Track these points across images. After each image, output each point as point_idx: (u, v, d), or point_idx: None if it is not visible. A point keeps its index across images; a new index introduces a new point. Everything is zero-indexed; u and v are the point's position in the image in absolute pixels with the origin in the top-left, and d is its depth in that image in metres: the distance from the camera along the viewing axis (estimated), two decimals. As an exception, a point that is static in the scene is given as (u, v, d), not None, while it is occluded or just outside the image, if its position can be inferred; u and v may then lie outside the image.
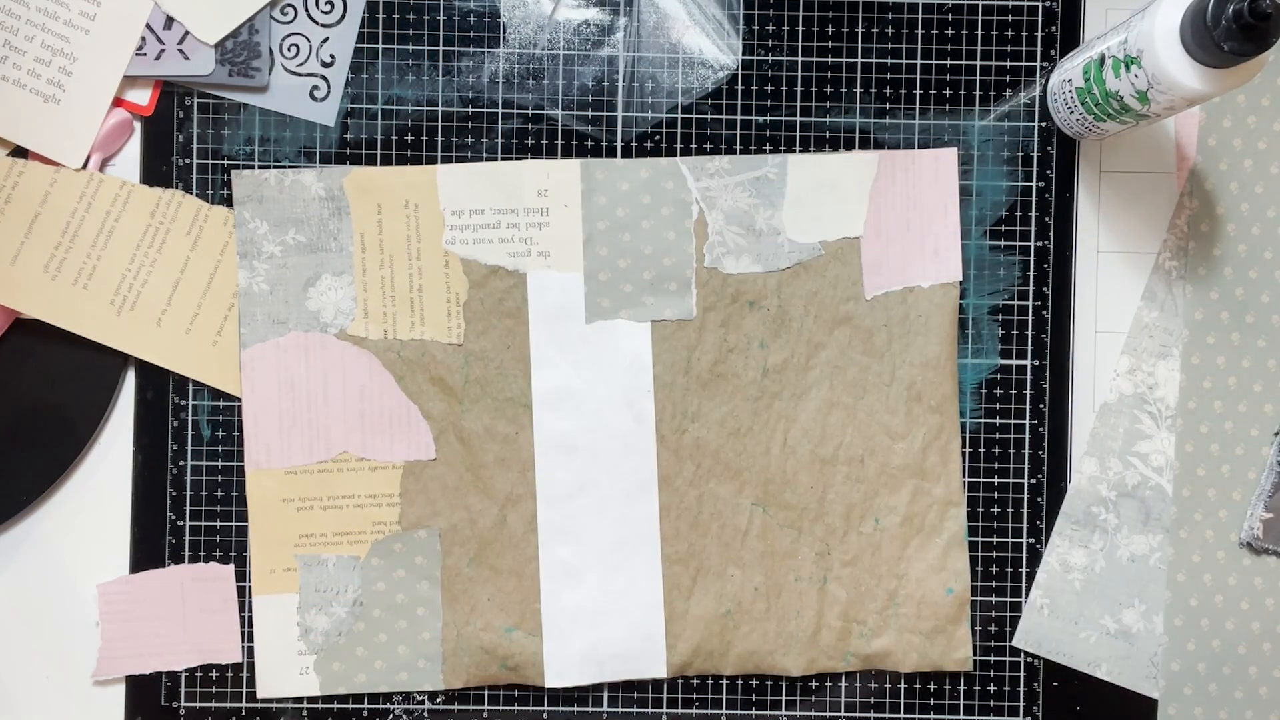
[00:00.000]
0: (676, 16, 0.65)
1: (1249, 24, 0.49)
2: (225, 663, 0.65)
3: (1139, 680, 0.65)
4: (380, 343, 0.64)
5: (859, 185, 0.64)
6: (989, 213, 0.65)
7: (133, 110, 0.64)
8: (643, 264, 0.64)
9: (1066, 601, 0.65)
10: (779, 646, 0.65)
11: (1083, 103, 0.60)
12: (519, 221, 0.64)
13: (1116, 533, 0.65)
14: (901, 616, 0.64)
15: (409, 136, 0.64)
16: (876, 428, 0.64)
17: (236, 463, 0.65)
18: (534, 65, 0.65)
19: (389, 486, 0.64)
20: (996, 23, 0.65)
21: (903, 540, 0.65)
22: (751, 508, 0.64)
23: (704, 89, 0.65)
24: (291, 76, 0.64)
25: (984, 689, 0.65)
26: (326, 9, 0.64)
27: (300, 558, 0.64)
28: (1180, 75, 0.52)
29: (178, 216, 0.64)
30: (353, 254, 0.64)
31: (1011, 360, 0.65)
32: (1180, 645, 0.65)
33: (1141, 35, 0.54)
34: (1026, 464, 0.65)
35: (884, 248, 0.64)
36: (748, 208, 0.64)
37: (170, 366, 0.64)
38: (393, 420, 0.64)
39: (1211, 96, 0.53)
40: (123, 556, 0.65)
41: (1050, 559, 0.65)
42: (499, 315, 0.64)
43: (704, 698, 0.65)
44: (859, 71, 0.65)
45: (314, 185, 0.64)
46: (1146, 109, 0.56)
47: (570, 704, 0.65)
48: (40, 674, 0.65)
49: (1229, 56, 0.50)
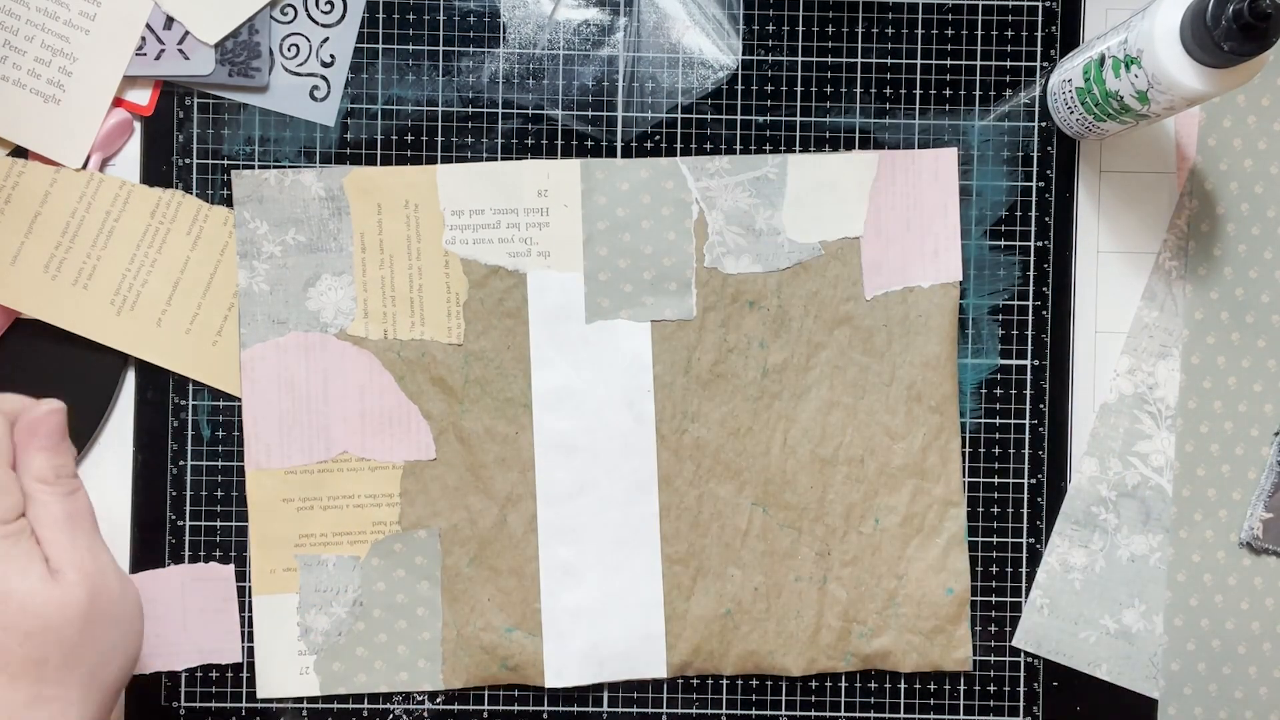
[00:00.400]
0: (676, 16, 0.65)
1: (1249, 24, 0.49)
2: (225, 663, 0.65)
3: (1139, 680, 0.65)
4: (380, 343, 0.64)
5: (859, 185, 0.64)
6: (989, 213, 0.65)
7: (133, 110, 0.64)
8: (643, 264, 0.64)
9: (1066, 601, 0.65)
10: (779, 646, 0.65)
11: (1082, 103, 0.60)
12: (519, 221, 0.64)
13: (1116, 533, 0.65)
14: (901, 616, 0.64)
15: (409, 136, 0.64)
16: (876, 428, 0.64)
17: (236, 463, 0.65)
18: (534, 65, 0.65)
19: (389, 486, 0.64)
20: (996, 23, 0.65)
21: (903, 540, 0.65)
22: (751, 508, 0.64)
23: (704, 89, 0.65)
24: (291, 76, 0.64)
25: (984, 689, 0.65)
26: (326, 9, 0.64)
27: (300, 558, 0.64)
28: (1180, 75, 0.53)
29: (178, 216, 0.64)
30: (353, 254, 0.64)
31: (1011, 360, 0.65)
32: (1180, 645, 0.65)
33: (1141, 35, 0.54)
34: (1026, 464, 0.65)
35: (884, 248, 0.64)
36: (748, 208, 0.64)
37: (170, 366, 0.64)
38: (393, 420, 0.64)
39: (1211, 96, 0.53)
40: (123, 556, 0.65)
41: (1050, 559, 0.65)
42: (499, 315, 0.64)
43: (704, 698, 0.65)
44: (859, 71, 0.65)
45: (314, 185, 0.64)
46: (1146, 109, 0.56)
47: (570, 704, 0.65)
48: (40, 674, 0.65)
49: (1229, 56, 0.50)
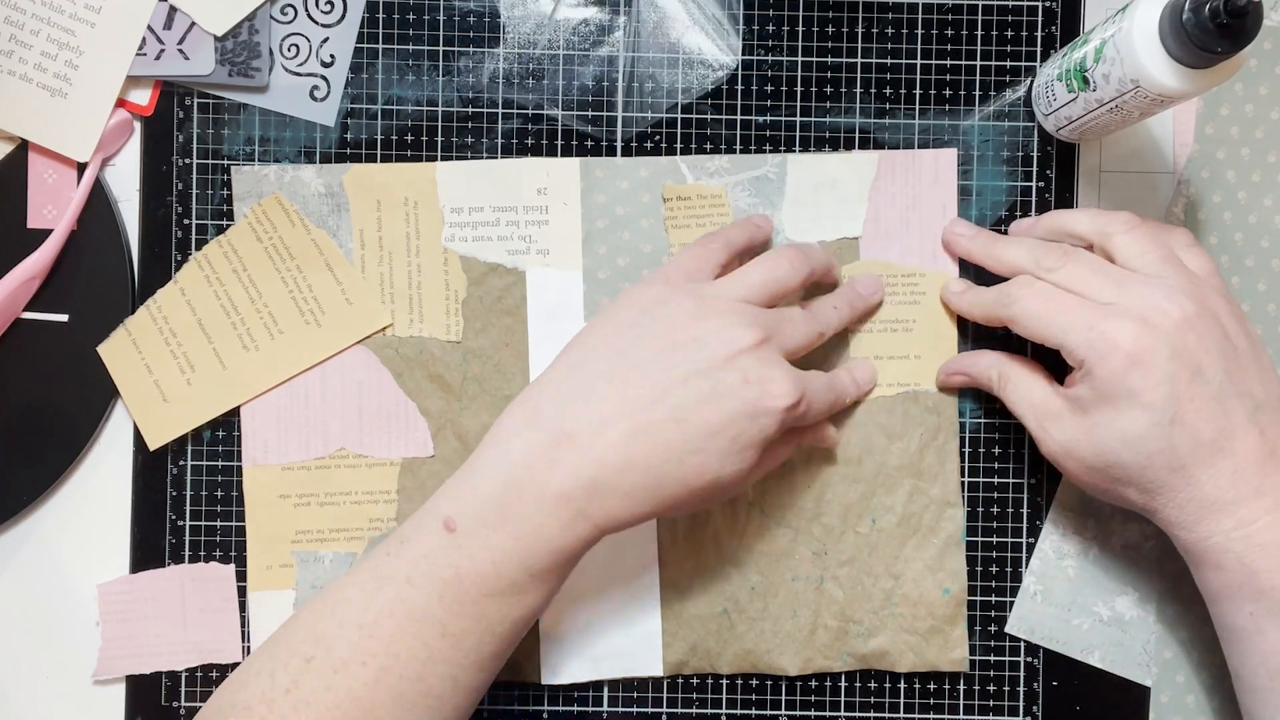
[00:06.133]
0: (676, 16, 0.65)
1: (1224, 23, 0.49)
2: (225, 663, 0.65)
3: (1132, 668, 0.65)
4: (378, 339, 0.64)
5: (858, 185, 0.64)
6: (989, 213, 0.65)
7: (133, 110, 0.64)
8: (642, 262, 0.64)
9: (1060, 589, 0.65)
10: (775, 646, 0.64)
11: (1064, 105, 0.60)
12: (518, 219, 0.64)
13: (1110, 520, 0.65)
14: (898, 616, 0.64)
15: (409, 136, 0.65)
16: (873, 427, 0.64)
17: (236, 463, 0.65)
18: (534, 65, 0.65)
19: (386, 483, 0.64)
20: (996, 23, 0.65)
21: (899, 540, 0.64)
22: (749, 507, 0.64)
23: (704, 89, 0.65)
24: (291, 76, 0.64)
25: (984, 689, 0.65)
26: (326, 9, 0.64)
27: (297, 554, 0.64)
28: (1159, 74, 0.52)
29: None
30: (352, 250, 0.64)
31: (1012, 360, 0.65)
32: (1174, 633, 0.64)
33: (1121, 35, 0.53)
34: (1026, 464, 0.65)
35: (883, 247, 0.64)
36: (747, 207, 0.64)
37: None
38: (390, 417, 0.64)
39: (1191, 95, 0.53)
40: (123, 556, 0.65)
41: (1044, 546, 0.65)
42: (497, 313, 0.64)
43: (704, 698, 0.65)
44: (859, 71, 0.65)
45: (313, 182, 0.64)
46: (1122, 102, 0.56)
47: (570, 703, 0.65)
48: (40, 674, 0.65)
49: (1207, 55, 0.50)
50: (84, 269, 0.64)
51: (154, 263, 0.65)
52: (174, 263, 0.64)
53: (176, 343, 0.64)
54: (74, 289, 0.64)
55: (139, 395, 0.64)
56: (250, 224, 0.64)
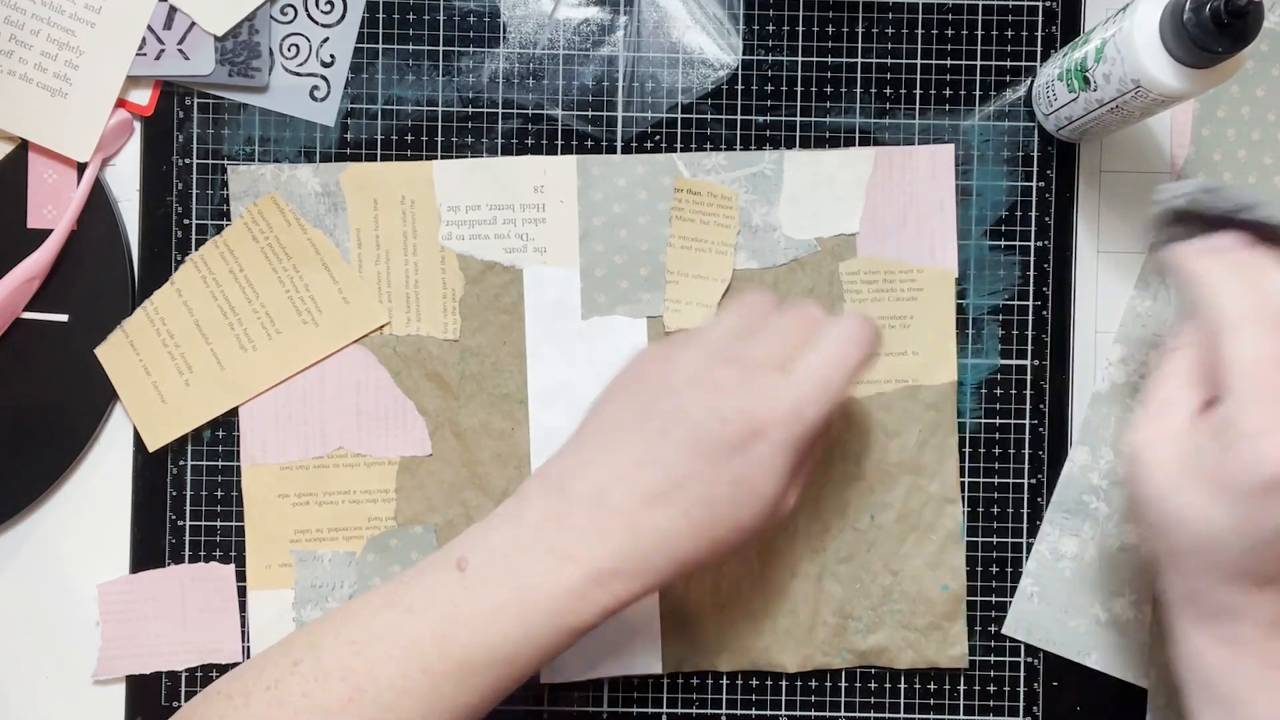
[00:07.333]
0: (677, 15, 0.65)
1: (1224, 22, 0.49)
2: (225, 662, 0.65)
3: (1128, 670, 0.64)
4: (376, 338, 0.64)
5: (855, 182, 0.64)
6: (989, 213, 0.65)
7: (133, 110, 0.64)
8: (639, 260, 0.64)
9: (1057, 590, 0.64)
10: (774, 643, 0.64)
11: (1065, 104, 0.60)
12: (515, 217, 0.64)
13: (1108, 521, 0.64)
14: (897, 613, 0.64)
15: (409, 136, 0.65)
16: (872, 424, 0.64)
17: (236, 463, 0.65)
18: (534, 65, 0.65)
19: (385, 482, 0.64)
20: (996, 23, 0.65)
21: (898, 537, 0.64)
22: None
23: (704, 88, 0.65)
24: (291, 76, 0.64)
25: (983, 688, 0.65)
26: (326, 9, 0.64)
27: (295, 553, 0.64)
28: (1160, 74, 0.52)
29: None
30: (349, 250, 0.64)
31: (1011, 360, 0.65)
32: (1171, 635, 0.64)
33: (1122, 34, 0.53)
34: (1026, 464, 0.65)
35: (880, 244, 0.64)
36: (744, 204, 0.64)
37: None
38: (388, 416, 0.64)
39: (1192, 95, 0.53)
40: (123, 556, 0.65)
41: (1041, 547, 0.65)
42: (495, 311, 0.64)
43: (703, 697, 0.65)
44: (859, 71, 0.65)
45: (310, 181, 0.64)
46: (1122, 102, 0.56)
47: (570, 703, 0.65)
48: (40, 674, 0.65)
49: (1208, 55, 0.50)
50: (84, 269, 0.64)
51: (154, 263, 0.65)
52: (174, 262, 0.65)
53: (174, 344, 0.64)
54: (74, 289, 0.64)
55: (137, 397, 0.64)
56: (246, 224, 0.64)
